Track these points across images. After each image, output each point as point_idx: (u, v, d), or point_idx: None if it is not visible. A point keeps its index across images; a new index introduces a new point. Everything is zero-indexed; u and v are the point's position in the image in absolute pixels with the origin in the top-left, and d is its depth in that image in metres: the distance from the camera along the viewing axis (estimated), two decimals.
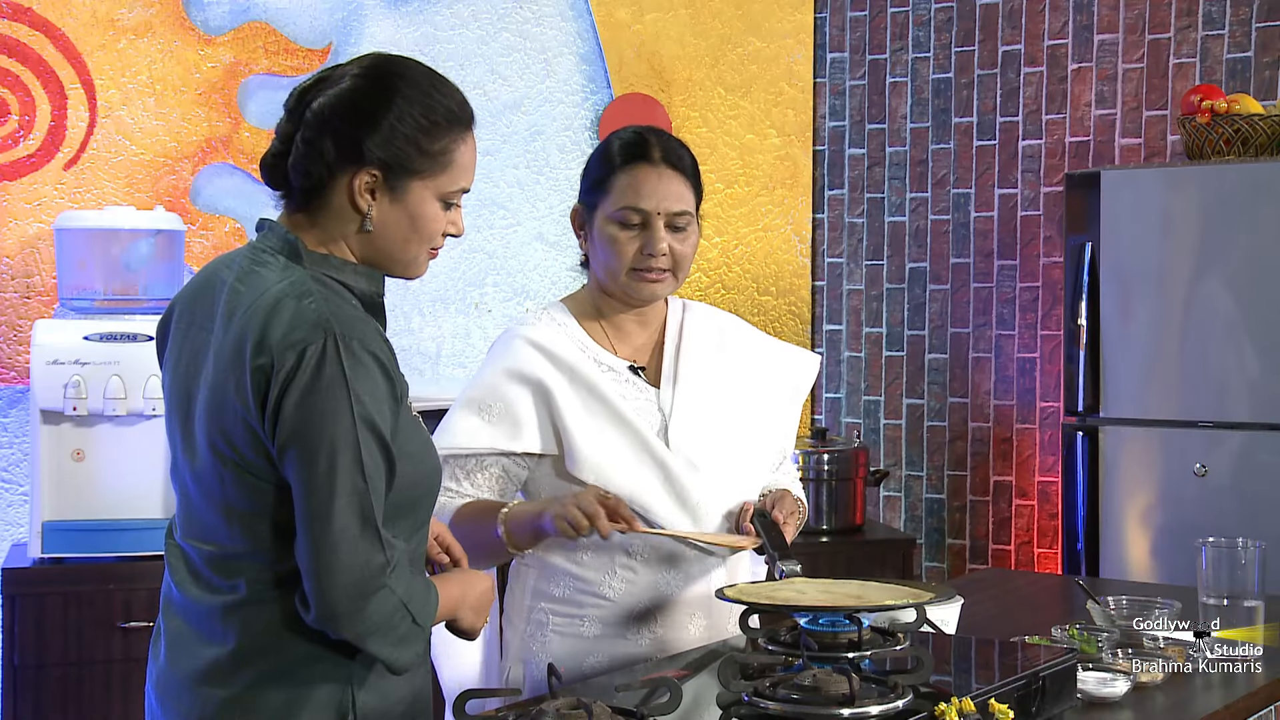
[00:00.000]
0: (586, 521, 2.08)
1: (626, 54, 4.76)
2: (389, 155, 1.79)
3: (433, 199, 1.84)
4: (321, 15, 4.34)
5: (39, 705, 3.48)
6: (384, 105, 1.79)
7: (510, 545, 2.19)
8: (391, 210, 1.82)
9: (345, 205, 1.81)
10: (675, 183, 2.27)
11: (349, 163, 1.79)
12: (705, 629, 2.30)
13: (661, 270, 2.27)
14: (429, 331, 4.49)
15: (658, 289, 2.30)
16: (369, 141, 1.78)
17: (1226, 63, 4.37)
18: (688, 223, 2.29)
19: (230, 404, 1.73)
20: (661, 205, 2.26)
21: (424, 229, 1.84)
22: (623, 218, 2.26)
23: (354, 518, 1.69)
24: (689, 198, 2.29)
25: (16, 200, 3.98)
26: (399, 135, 1.79)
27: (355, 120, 1.78)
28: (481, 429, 2.26)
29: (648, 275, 2.27)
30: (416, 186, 1.82)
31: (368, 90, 1.80)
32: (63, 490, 3.52)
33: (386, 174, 1.80)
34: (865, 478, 4.38)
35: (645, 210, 2.25)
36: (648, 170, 2.26)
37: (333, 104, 1.79)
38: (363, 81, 1.81)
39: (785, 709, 1.74)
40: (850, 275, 5.03)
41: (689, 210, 2.29)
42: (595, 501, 2.10)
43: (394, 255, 1.85)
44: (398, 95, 1.80)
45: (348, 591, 1.68)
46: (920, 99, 4.90)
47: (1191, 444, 3.97)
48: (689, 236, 2.30)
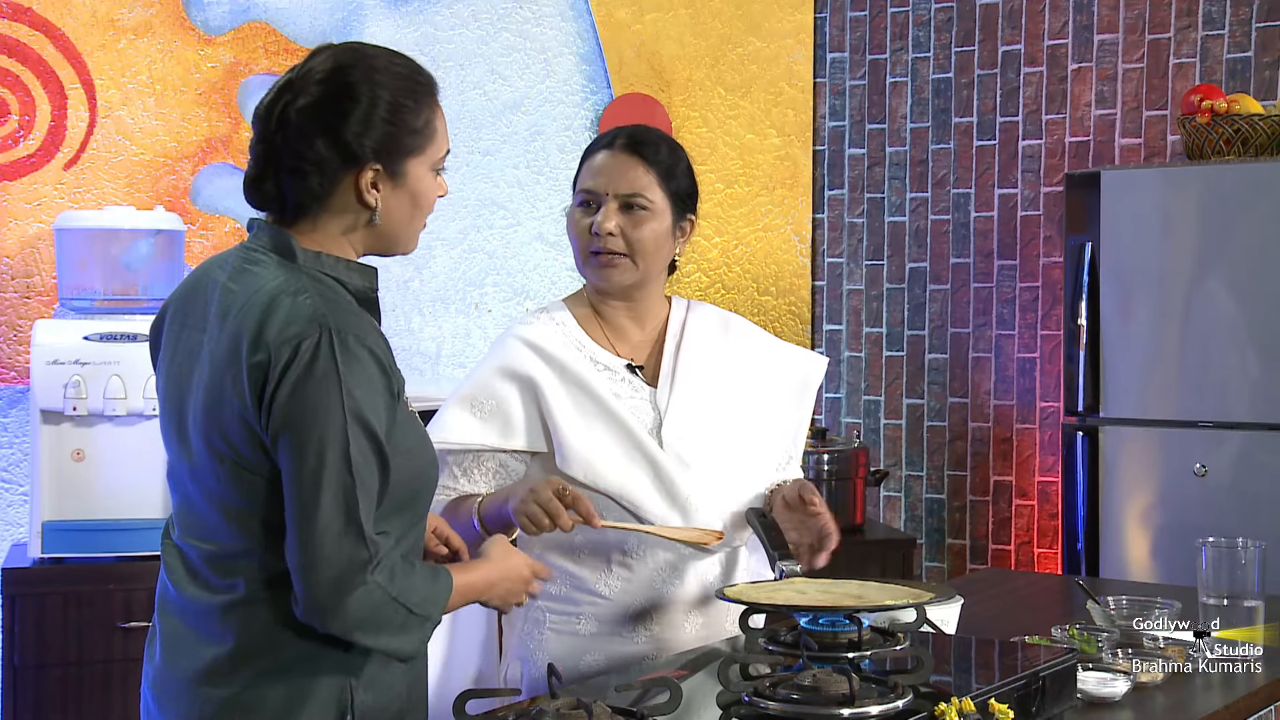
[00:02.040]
0: (547, 520, 2.08)
1: (626, 54, 4.76)
2: (383, 146, 1.80)
3: (427, 171, 1.86)
4: (321, 15, 4.34)
5: (39, 705, 3.48)
6: (358, 99, 1.79)
7: (485, 535, 2.19)
8: (395, 195, 1.84)
9: (350, 204, 1.82)
10: (632, 166, 2.28)
11: (347, 164, 1.80)
12: (702, 628, 2.30)
13: (612, 253, 2.27)
14: (429, 331, 4.49)
15: (613, 274, 2.29)
16: (359, 139, 1.79)
17: (1226, 63, 4.37)
18: (644, 206, 2.28)
19: (228, 402, 1.73)
20: (610, 185, 2.27)
21: (424, 203, 1.88)
22: (579, 199, 2.31)
23: (338, 514, 1.69)
24: (647, 183, 2.28)
25: (16, 200, 3.98)
26: (384, 123, 1.80)
27: (337, 122, 1.78)
28: (475, 426, 2.27)
29: (600, 258, 2.28)
30: (413, 165, 1.84)
31: (337, 90, 1.79)
32: (63, 490, 3.52)
33: (386, 164, 1.81)
34: (865, 478, 4.38)
35: (594, 190, 2.28)
36: (605, 155, 2.31)
37: (309, 113, 1.78)
38: (329, 83, 1.80)
39: (785, 709, 1.74)
40: (850, 275, 5.03)
41: (643, 195, 2.28)
42: (554, 497, 2.09)
43: (398, 235, 1.88)
44: (366, 85, 1.80)
45: (328, 587, 1.69)
46: (920, 99, 4.90)
47: (1191, 444, 3.97)
48: (645, 222, 2.28)
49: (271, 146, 1.80)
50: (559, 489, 2.11)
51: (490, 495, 2.23)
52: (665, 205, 2.30)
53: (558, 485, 2.12)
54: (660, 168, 2.30)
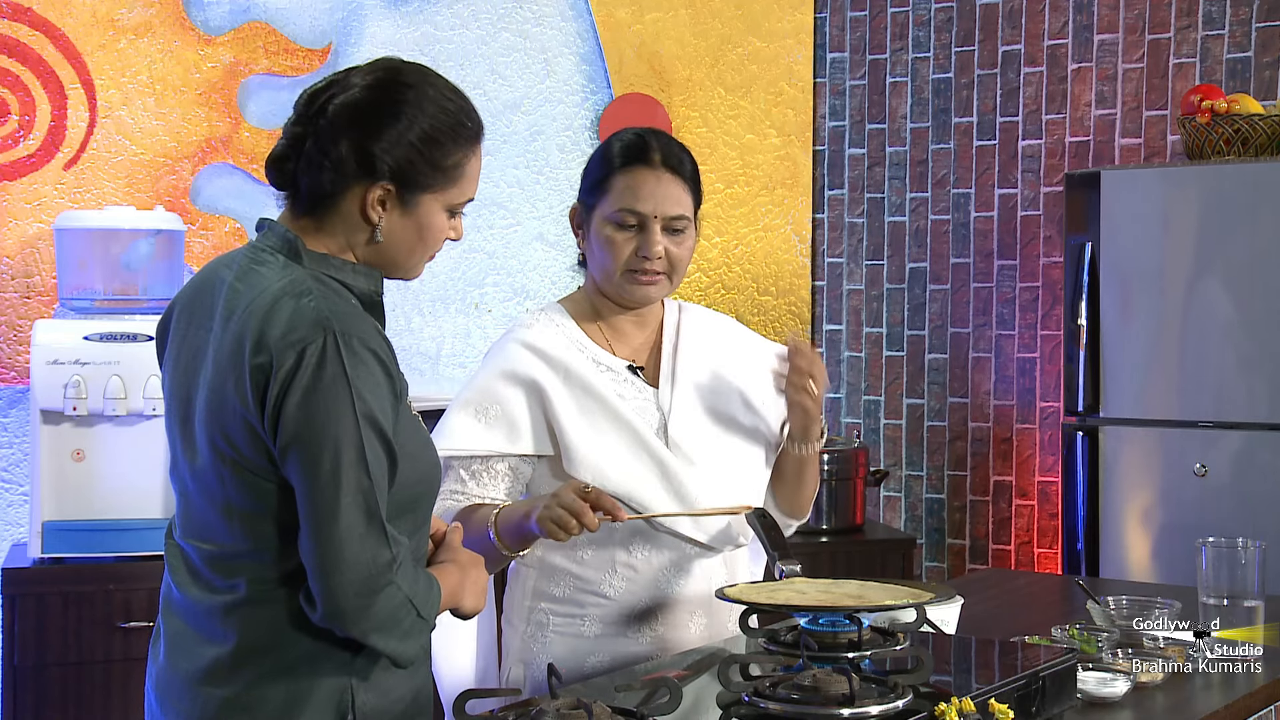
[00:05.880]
0: (574, 521, 2.07)
1: (626, 54, 4.76)
2: (403, 170, 1.79)
3: (441, 210, 1.85)
4: (321, 15, 4.34)
5: (39, 705, 3.48)
6: (398, 118, 1.79)
7: (502, 548, 2.18)
8: (401, 221, 1.82)
9: (355, 215, 1.81)
10: (674, 186, 2.27)
11: (362, 175, 1.79)
12: (705, 628, 2.30)
13: (656, 273, 2.27)
14: (429, 331, 4.49)
15: (651, 291, 2.29)
16: (383, 155, 1.78)
17: (1226, 63, 4.37)
18: (685, 226, 2.29)
19: (230, 403, 1.73)
20: (659, 209, 2.26)
21: (431, 239, 1.85)
22: (620, 219, 2.26)
23: (359, 515, 1.69)
24: (687, 202, 2.29)
25: (16, 200, 3.98)
26: (413, 149, 1.79)
27: (369, 132, 1.78)
28: (481, 431, 2.26)
29: (641, 278, 2.27)
30: (427, 200, 1.82)
31: (381, 101, 1.79)
32: (63, 490, 3.52)
33: (400, 188, 1.80)
34: (865, 478, 4.38)
35: (642, 213, 2.25)
36: (646, 173, 2.26)
37: (347, 113, 1.78)
38: (377, 92, 1.80)
39: (785, 709, 1.74)
40: (850, 275, 5.03)
41: (686, 214, 2.29)
42: (576, 497, 2.08)
43: (398, 262, 1.86)
44: (412, 108, 1.79)
45: (355, 589, 1.68)
46: (920, 99, 4.90)
47: (1191, 444, 3.97)
48: (685, 240, 2.29)
49: (303, 131, 1.80)
50: (580, 488, 2.09)
51: (506, 507, 2.20)
52: (694, 218, 2.32)
53: (579, 485, 2.11)
54: (692, 183, 2.31)
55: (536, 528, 2.09)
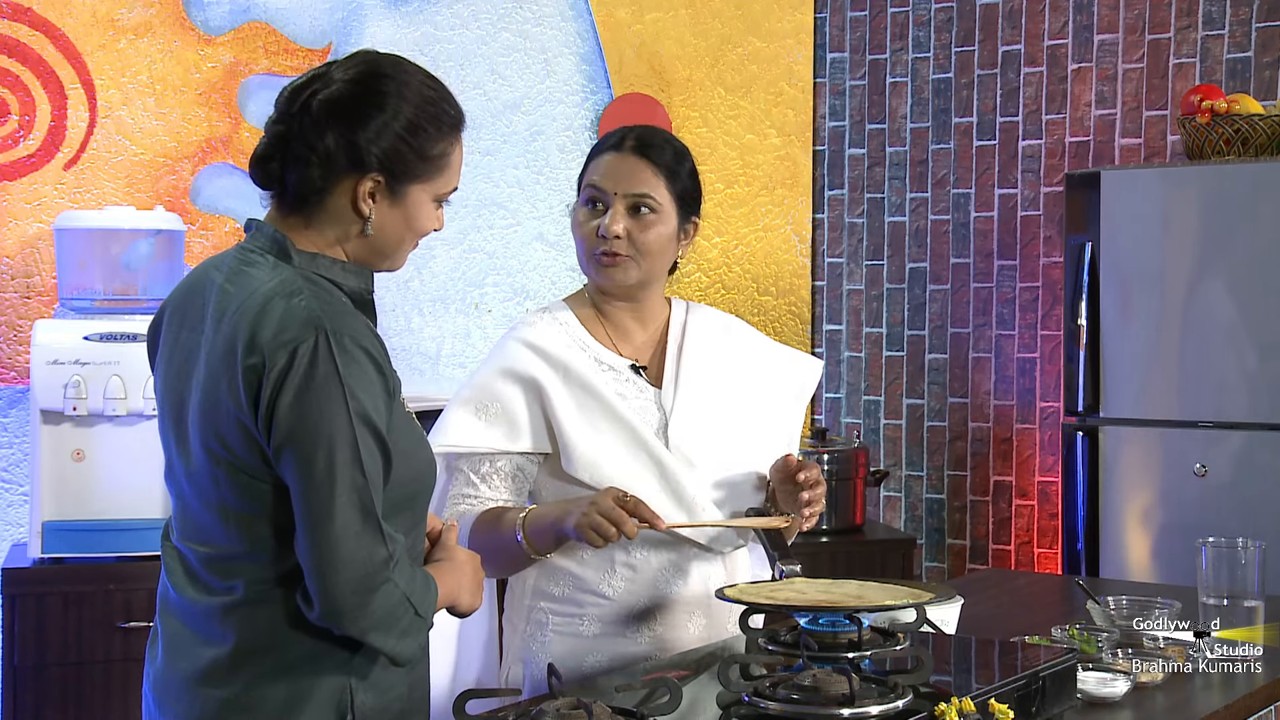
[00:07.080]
0: (614, 529, 2.07)
1: (626, 54, 4.76)
2: (391, 160, 1.80)
3: (429, 200, 1.86)
4: (321, 15, 4.34)
5: (39, 705, 3.48)
6: (383, 109, 1.79)
7: (532, 551, 2.18)
8: (390, 213, 1.83)
9: (345, 209, 1.81)
10: (641, 168, 2.28)
11: (351, 168, 1.79)
12: (705, 628, 2.30)
13: (617, 254, 2.27)
14: (429, 331, 4.49)
15: (614, 274, 2.29)
16: (370, 147, 1.78)
17: (1226, 63, 4.37)
18: (653, 208, 2.27)
19: (223, 404, 1.73)
20: (620, 186, 2.26)
21: (418, 228, 1.87)
22: (585, 197, 2.29)
23: (355, 514, 1.69)
24: (656, 185, 2.28)
25: (16, 200, 3.98)
26: (399, 139, 1.80)
27: (355, 125, 1.78)
28: (481, 429, 2.26)
29: (603, 258, 2.27)
30: (415, 190, 1.83)
31: (364, 94, 1.80)
32: (63, 490, 3.52)
33: (389, 179, 1.80)
34: (865, 478, 4.38)
35: (602, 188, 2.27)
36: (614, 156, 2.29)
37: (331, 107, 1.78)
38: (359, 85, 1.80)
39: (785, 709, 1.74)
40: (850, 275, 5.03)
41: (652, 195, 2.27)
42: (615, 505, 2.08)
43: (387, 254, 1.87)
44: (394, 98, 1.80)
45: (352, 587, 1.68)
46: (920, 99, 4.90)
47: (1191, 444, 3.97)
48: (654, 224, 2.28)
49: (287, 129, 1.80)
50: (619, 496, 2.09)
51: (534, 511, 2.20)
52: (671, 207, 2.30)
53: (618, 493, 2.10)
54: (667, 170, 2.29)
55: (574, 533, 2.10)
